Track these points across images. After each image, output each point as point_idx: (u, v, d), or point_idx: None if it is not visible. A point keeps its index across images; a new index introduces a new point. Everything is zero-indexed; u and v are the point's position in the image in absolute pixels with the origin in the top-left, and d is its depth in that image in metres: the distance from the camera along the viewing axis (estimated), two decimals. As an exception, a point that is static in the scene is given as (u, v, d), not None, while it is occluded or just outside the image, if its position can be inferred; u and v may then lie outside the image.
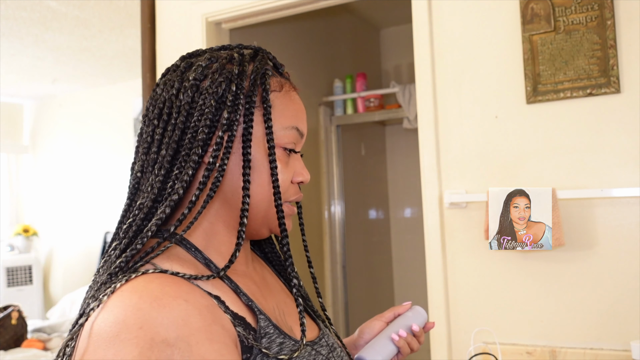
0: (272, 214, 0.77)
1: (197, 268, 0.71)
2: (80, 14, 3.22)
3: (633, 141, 1.54)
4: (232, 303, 0.68)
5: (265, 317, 0.70)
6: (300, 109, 0.81)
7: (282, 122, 0.77)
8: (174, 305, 0.60)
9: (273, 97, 0.78)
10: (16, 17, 3.24)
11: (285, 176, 0.77)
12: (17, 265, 4.75)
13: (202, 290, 0.65)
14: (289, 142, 0.77)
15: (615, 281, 1.55)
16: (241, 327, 0.66)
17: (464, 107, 1.76)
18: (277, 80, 0.80)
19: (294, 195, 0.80)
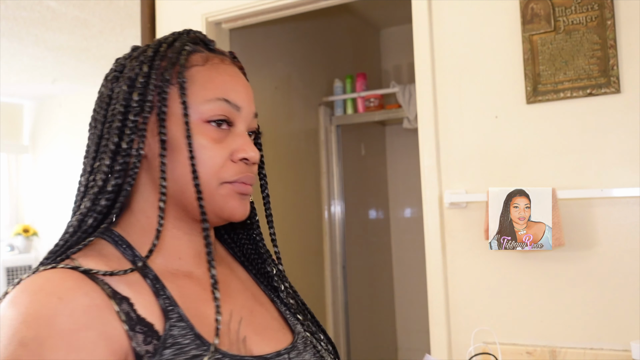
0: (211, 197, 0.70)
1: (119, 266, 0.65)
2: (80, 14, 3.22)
3: (633, 141, 1.54)
4: (144, 306, 0.63)
5: (185, 326, 0.63)
6: (231, 80, 0.74)
7: (205, 95, 0.71)
8: (44, 302, 0.57)
9: (194, 71, 0.72)
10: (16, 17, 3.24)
11: (215, 152, 0.70)
12: (17, 265, 4.75)
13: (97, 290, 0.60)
14: (215, 114, 0.70)
15: (615, 281, 1.55)
16: (142, 334, 0.60)
17: (464, 107, 1.76)
18: (202, 56, 0.74)
19: (236, 175, 0.71)
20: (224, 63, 0.75)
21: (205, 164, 0.69)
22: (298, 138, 3.01)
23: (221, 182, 0.70)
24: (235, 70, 0.76)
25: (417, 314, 3.43)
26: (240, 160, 0.71)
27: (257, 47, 2.72)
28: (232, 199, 0.71)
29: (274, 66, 2.84)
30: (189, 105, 0.70)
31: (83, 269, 0.62)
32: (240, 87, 0.75)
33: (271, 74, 2.82)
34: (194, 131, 0.69)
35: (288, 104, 2.96)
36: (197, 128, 0.70)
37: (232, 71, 0.75)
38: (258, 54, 2.73)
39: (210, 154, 0.69)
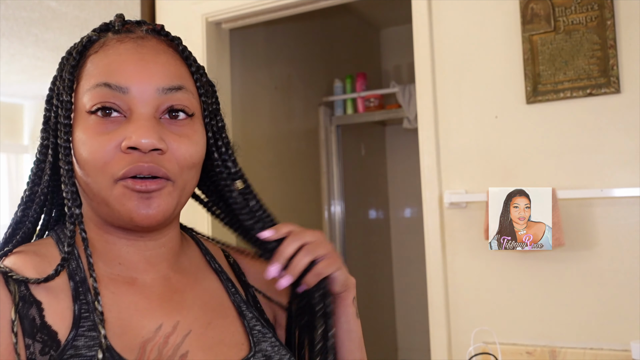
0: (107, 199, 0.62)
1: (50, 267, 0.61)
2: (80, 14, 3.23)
3: (633, 141, 1.54)
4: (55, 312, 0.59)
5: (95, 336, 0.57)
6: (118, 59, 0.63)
7: (86, 84, 0.63)
8: None
9: (89, 62, 0.65)
10: (16, 17, 3.25)
11: (96, 146, 0.60)
12: (17, 265, 4.75)
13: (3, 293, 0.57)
14: (94, 103, 0.61)
15: (615, 281, 1.55)
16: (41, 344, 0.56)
17: (464, 107, 1.76)
18: (99, 42, 0.66)
19: (124, 167, 0.60)
20: (122, 42, 0.65)
21: (86, 161, 0.61)
22: (298, 138, 3.01)
23: (113, 179, 0.60)
24: (135, 45, 0.65)
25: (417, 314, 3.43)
26: (129, 149, 0.60)
27: (257, 47, 2.72)
28: (127, 200, 0.61)
29: (274, 66, 2.84)
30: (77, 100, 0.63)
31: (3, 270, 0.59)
32: (131, 64, 0.63)
33: (271, 74, 2.82)
34: (78, 126, 0.62)
35: (288, 104, 2.96)
36: (81, 123, 0.62)
37: (128, 48, 0.65)
38: (258, 54, 2.73)
39: (90, 149, 0.60)
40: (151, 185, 0.61)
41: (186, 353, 0.62)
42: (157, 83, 0.63)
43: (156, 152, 0.61)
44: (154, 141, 0.60)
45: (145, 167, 0.60)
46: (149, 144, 0.60)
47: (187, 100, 0.65)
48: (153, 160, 0.61)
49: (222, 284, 0.74)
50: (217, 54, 2.29)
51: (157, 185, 0.61)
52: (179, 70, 0.66)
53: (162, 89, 0.63)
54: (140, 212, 0.61)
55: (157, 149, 0.61)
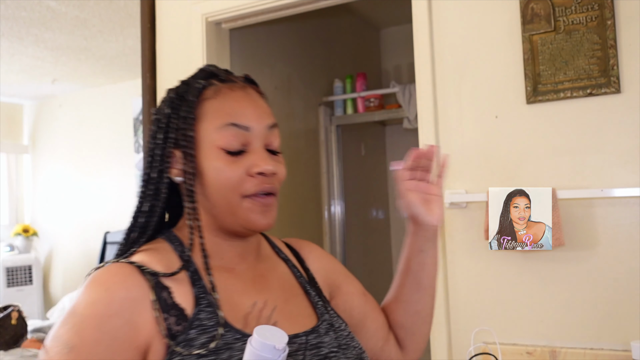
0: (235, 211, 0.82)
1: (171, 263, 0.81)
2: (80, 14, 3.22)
3: (633, 141, 1.54)
4: (180, 295, 0.78)
5: (211, 311, 0.77)
6: (238, 104, 0.84)
7: (215, 124, 0.82)
8: (95, 290, 0.76)
9: (206, 105, 0.83)
10: (16, 17, 3.24)
11: (231, 172, 0.81)
12: (17, 265, 4.75)
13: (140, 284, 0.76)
14: (226, 141, 0.82)
15: (615, 281, 1.55)
16: (175, 317, 0.76)
17: (464, 107, 1.76)
18: (213, 89, 0.85)
19: (254, 187, 0.82)
20: (232, 90, 0.85)
21: (223, 184, 0.81)
22: (298, 138, 3.01)
23: (242, 196, 0.82)
24: (244, 94, 0.86)
25: (417, 314, 3.42)
26: (258, 174, 0.82)
27: (257, 47, 2.72)
28: (253, 213, 0.82)
29: (274, 66, 2.84)
30: (205, 135, 0.82)
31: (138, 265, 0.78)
32: (248, 108, 0.84)
33: (271, 74, 2.82)
34: (209, 156, 0.82)
35: (288, 104, 2.96)
36: (213, 154, 0.82)
37: (240, 95, 0.85)
38: (258, 54, 2.73)
39: (227, 175, 0.81)
40: (270, 200, 0.84)
41: (276, 322, 0.81)
42: (266, 122, 0.85)
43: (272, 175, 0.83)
44: (274, 169, 0.83)
45: (268, 188, 0.83)
46: (272, 170, 0.83)
47: (279, 137, 0.88)
48: (271, 182, 0.84)
49: (289, 269, 0.95)
50: (217, 54, 2.29)
51: (273, 201, 0.85)
52: (270, 110, 0.89)
53: (268, 126, 0.86)
54: (262, 221, 0.83)
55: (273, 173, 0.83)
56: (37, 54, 3.93)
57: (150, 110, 2.35)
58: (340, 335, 0.87)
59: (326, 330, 0.86)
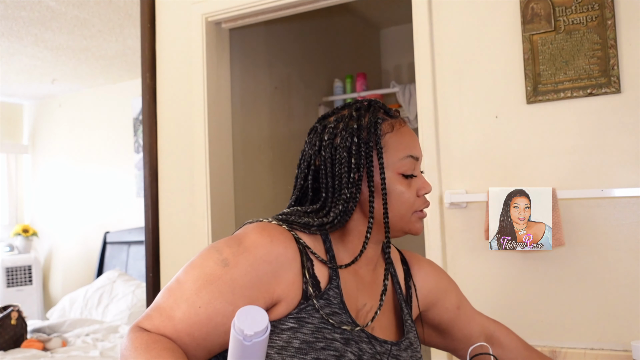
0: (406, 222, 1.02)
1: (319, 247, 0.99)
2: (79, 14, 3.22)
3: (633, 141, 1.54)
4: (319, 270, 0.95)
5: (338, 292, 0.95)
6: (411, 139, 1.03)
7: (397, 155, 1.00)
8: (263, 235, 0.92)
9: (387, 138, 1.01)
10: (16, 17, 3.24)
11: (409, 194, 1.01)
12: (17, 265, 4.75)
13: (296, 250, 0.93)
14: (407, 169, 1.01)
15: (615, 281, 1.55)
16: (312, 284, 0.93)
17: (464, 107, 1.76)
18: (389, 123, 1.02)
19: (422, 206, 1.03)
20: (402, 126, 1.03)
21: (404, 203, 1.01)
22: (298, 138, 3.01)
23: (413, 212, 1.02)
24: (409, 129, 1.04)
25: (417, 314, 3.42)
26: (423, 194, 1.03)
27: (257, 47, 2.72)
28: (417, 222, 1.03)
29: (274, 66, 2.84)
30: (388, 164, 1.00)
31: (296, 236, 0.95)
32: (416, 142, 1.04)
33: (271, 74, 2.82)
34: (393, 181, 1.00)
35: (288, 104, 2.95)
36: (396, 179, 1.00)
37: (408, 131, 1.04)
38: (258, 54, 2.73)
39: (407, 197, 1.01)
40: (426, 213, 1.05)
41: (373, 327, 1.00)
42: (421, 151, 1.06)
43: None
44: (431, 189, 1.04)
45: (428, 205, 1.05)
46: (430, 190, 1.04)
47: None
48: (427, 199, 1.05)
49: (392, 284, 1.10)
50: (217, 54, 2.29)
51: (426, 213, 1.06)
52: None
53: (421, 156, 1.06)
54: (421, 228, 1.04)
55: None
56: (37, 54, 3.93)
57: (149, 109, 2.35)
58: (415, 356, 1.03)
59: (406, 347, 1.02)
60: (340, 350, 0.90)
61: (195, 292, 0.86)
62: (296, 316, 0.91)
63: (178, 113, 2.31)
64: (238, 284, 0.87)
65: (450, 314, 1.19)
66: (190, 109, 2.27)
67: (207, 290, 0.86)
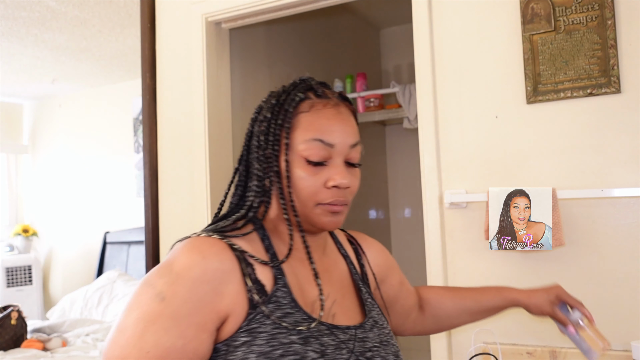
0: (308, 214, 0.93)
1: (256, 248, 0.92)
2: (80, 14, 3.22)
3: (633, 141, 1.54)
4: (261, 273, 0.89)
5: (286, 291, 0.89)
6: (328, 123, 0.93)
7: (304, 136, 0.92)
8: (193, 254, 0.85)
9: (300, 117, 0.93)
10: (16, 17, 3.24)
11: (311, 182, 0.91)
12: (17, 265, 4.75)
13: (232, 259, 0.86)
14: (311, 153, 0.91)
15: (615, 281, 1.55)
16: (257, 291, 0.87)
17: (464, 107, 1.76)
18: (310, 102, 0.94)
19: (328, 199, 0.92)
20: (325, 107, 0.94)
21: (302, 191, 0.92)
22: (298, 138, 3.01)
23: (316, 204, 0.92)
24: (336, 112, 0.95)
25: (417, 314, 3.42)
26: (333, 187, 0.92)
27: (257, 47, 2.72)
28: (324, 216, 0.93)
29: (274, 66, 2.84)
30: (294, 145, 0.92)
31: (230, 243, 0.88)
32: (336, 126, 0.93)
33: (271, 74, 2.81)
34: (295, 164, 0.92)
35: (288, 104, 2.95)
36: (298, 162, 0.92)
37: (332, 113, 0.94)
38: (258, 54, 2.73)
39: (307, 184, 0.91)
40: (338, 208, 0.94)
41: (334, 315, 0.94)
42: (350, 141, 0.94)
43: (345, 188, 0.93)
44: (348, 183, 0.92)
45: (341, 201, 0.93)
46: (345, 184, 0.92)
47: (359, 152, 0.97)
48: (344, 194, 0.93)
49: (347, 266, 1.06)
50: (217, 53, 2.29)
51: (342, 208, 0.94)
52: (357, 129, 0.98)
53: (351, 144, 0.94)
54: (330, 224, 0.94)
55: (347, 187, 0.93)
56: (37, 54, 3.93)
57: (149, 109, 2.35)
58: (382, 333, 0.99)
59: (371, 326, 0.97)
60: (300, 352, 0.84)
61: (139, 337, 0.80)
62: (247, 328, 0.84)
63: (178, 113, 2.31)
64: (181, 315, 0.81)
65: (395, 289, 1.19)
66: (190, 109, 2.26)
67: (151, 332, 0.80)
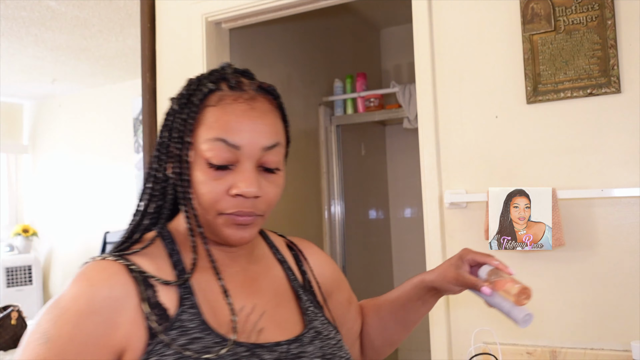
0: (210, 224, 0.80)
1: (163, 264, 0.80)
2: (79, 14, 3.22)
3: (633, 141, 1.54)
4: (165, 294, 0.77)
5: (194, 312, 0.76)
6: (236, 120, 0.78)
7: (207, 134, 0.78)
8: (80, 284, 0.75)
9: (206, 112, 0.79)
10: (16, 17, 3.24)
11: (211, 188, 0.78)
12: (17, 265, 4.74)
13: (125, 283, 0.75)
14: (212, 155, 0.77)
15: (615, 281, 1.55)
16: (157, 317, 0.75)
17: (464, 107, 1.76)
18: (220, 95, 0.81)
19: (231, 209, 0.78)
20: (236, 101, 0.80)
21: (203, 197, 0.78)
22: (298, 138, 3.01)
23: (218, 213, 0.79)
24: (248, 107, 0.80)
25: (417, 314, 3.42)
26: (237, 195, 0.78)
27: (257, 47, 2.72)
28: (227, 228, 0.80)
29: (274, 66, 2.84)
30: (197, 144, 0.79)
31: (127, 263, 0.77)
32: (245, 124, 0.79)
33: (271, 74, 2.81)
34: (196, 166, 0.79)
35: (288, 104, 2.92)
36: (200, 165, 0.78)
37: (242, 109, 0.80)
38: (258, 54, 2.73)
39: (207, 189, 0.78)
40: (248, 220, 0.79)
41: (262, 329, 0.80)
42: (263, 143, 0.79)
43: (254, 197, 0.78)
44: (256, 191, 0.78)
45: (246, 212, 0.79)
46: (252, 192, 0.78)
47: (280, 154, 0.83)
48: (252, 205, 0.79)
49: (284, 272, 0.92)
50: (217, 54, 2.29)
51: (252, 220, 0.80)
52: (278, 127, 0.85)
53: (265, 147, 0.80)
54: (234, 237, 0.80)
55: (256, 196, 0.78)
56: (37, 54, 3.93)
57: (149, 109, 2.35)
58: (327, 344, 0.84)
59: (311, 339, 0.83)
60: None
61: None
62: None
63: (178, 113, 2.31)
64: (70, 354, 0.71)
65: (342, 309, 1.02)
66: (190, 109, 2.26)
67: None
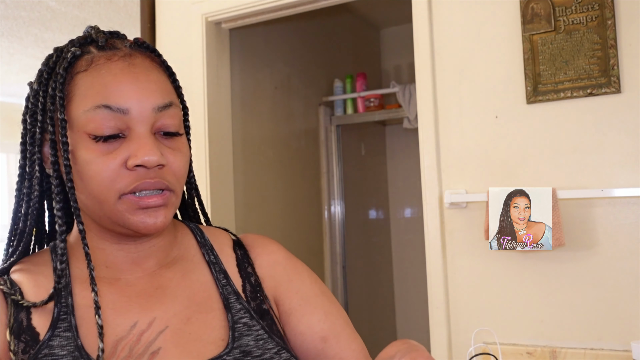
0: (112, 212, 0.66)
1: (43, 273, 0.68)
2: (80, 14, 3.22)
3: (633, 141, 1.54)
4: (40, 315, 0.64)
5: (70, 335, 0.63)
6: (114, 80, 0.65)
7: (84, 105, 0.64)
8: None
9: (77, 80, 0.66)
10: (16, 17, 3.24)
11: (102, 165, 0.64)
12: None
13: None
14: (96, 127, 0.64)
15: (615, 281, 1.55)
16: (24, 344, 0.62)
17: (464, 107, 1.76)
18: (86, 59, 0.67)
19: (132, 184, 0.64)
20: (111, 60, 0.66)
21: (94, 179, 0.64)
22: (298, 138, 3.01)
23: (119, 194, 0.64)
24: (126, 64, 0.67)
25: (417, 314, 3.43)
26: (137, 166, 0.64)
27: (257, 47, 2.72)
28: (132, 215, 0.65)
29: (274, 66, 2.84)
30: (73, 119, 0.65)
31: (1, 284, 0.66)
32: (127, 84, 0.65)
33: (271, 74, 2.81)
34: (78, 146, 0.64)
35: (288, 104, 2.95)
36: (83, 142, 0.64)
37: (120, 67, 0.66)
38: (258, 54, 2.73)
39: (98, 168, 0.64)
40: (158, 200, 0.65)
41: (158, 350, 0.64)
42: (153, 102, 0.66)
43: (158, 167, 0.65)
44: (158, 158, 0.64)
45: (151, 183, 0.65)
46: (154, 160, 0.64)
47: (177, 116, 0.69)
48: (157, 175, 0.65)
49: (212, 277, 0.74)
50: (217, 54, 2.29)
51: (164, 200, 0.66)
52: (167, 86, 0.70)
53: (157, 107, 0.66)
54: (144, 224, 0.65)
55: (159, 165, 0.65)
56: (37, 54, 3.93)
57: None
58: None
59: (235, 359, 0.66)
60: None
61: None
62: None
63: (178, 113, 2.31)
64: None
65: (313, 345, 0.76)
66: (190, 109, 2.25)
67: None
